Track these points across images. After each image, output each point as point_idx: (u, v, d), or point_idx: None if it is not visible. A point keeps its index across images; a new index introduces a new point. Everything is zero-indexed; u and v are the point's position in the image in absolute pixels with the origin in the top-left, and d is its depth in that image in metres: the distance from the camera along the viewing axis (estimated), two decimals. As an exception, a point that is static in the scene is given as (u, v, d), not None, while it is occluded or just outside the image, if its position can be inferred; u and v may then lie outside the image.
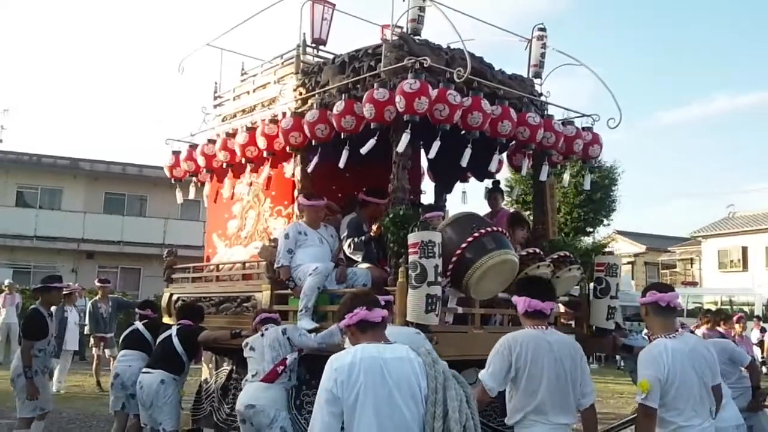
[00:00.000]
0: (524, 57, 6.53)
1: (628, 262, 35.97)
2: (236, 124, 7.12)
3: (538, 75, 6.54)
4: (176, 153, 7.68)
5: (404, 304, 4.69)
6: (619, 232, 34.31)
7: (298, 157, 6.20)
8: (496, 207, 7.09)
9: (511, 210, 7.13)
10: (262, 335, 5.27)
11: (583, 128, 6.50)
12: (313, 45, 6.96)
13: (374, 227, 5.64)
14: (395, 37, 5.55)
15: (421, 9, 5.49)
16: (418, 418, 2.94)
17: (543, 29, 6.54)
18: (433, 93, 5.09)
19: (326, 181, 6.47)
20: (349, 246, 5.91)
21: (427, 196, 7.70)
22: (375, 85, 5.26)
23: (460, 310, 5.24)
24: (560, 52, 6.55)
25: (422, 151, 7.06)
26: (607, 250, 6.73)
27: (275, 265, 5.85)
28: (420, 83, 4.98)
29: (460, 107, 5.16)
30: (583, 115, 6.49)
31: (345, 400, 2.87)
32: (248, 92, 7.35)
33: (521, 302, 3.82)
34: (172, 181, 7.75)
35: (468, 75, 5.07)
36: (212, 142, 7.19)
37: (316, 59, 6.84)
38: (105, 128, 59.13)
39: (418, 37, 5.58)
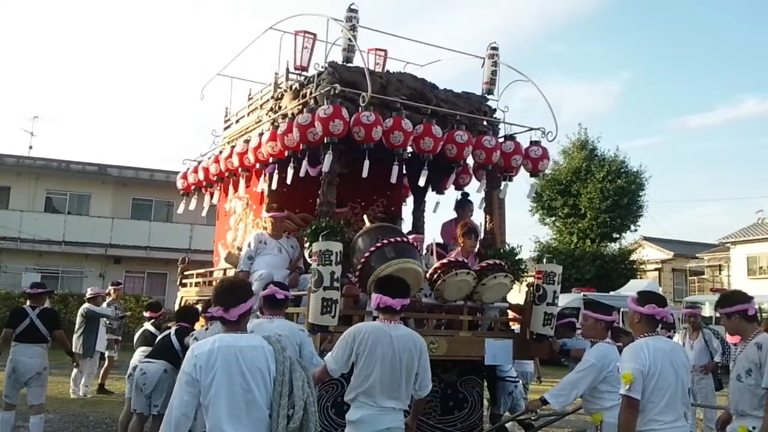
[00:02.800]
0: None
1: (656, 269, 34.64)
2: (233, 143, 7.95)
3: (490, 92, 6.87)
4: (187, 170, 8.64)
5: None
6: (646, 238, 33.00)
7: (266, 174, 6.90)
8: (465, 218, 7.44)
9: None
10: (207, 329, 5.99)
11: (532, 143, 6.75)
12: (297, 72, 7.66)
13: None
14: (327, 65, 6.12)
15: (351, 39, 6.04)
16: (266, 396, 3.45)
17: (495, 48, 6.87)
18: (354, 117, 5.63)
19: (303, 194, 7.11)
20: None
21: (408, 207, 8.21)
22: (304, 110, 5.87)
23: (375, 313, 5.69)
24: (510, 67, 6.84)
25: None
26: (633, 257, 6.89)
27: (236, 270, 6.57)
28: (333, 108, 5.53)
29: (375, 126, 5.64)
30: (531, 129, 6.73)
31: (202, 382, 3.41)
32: (245, 116, 8.18)
33: (374, 298, 4.31)
34: (181, 194, 8.69)
35: (372, 95, 5.59)
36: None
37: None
38: (133, 135, 60.16)
39: (350, 64, 6.13)
